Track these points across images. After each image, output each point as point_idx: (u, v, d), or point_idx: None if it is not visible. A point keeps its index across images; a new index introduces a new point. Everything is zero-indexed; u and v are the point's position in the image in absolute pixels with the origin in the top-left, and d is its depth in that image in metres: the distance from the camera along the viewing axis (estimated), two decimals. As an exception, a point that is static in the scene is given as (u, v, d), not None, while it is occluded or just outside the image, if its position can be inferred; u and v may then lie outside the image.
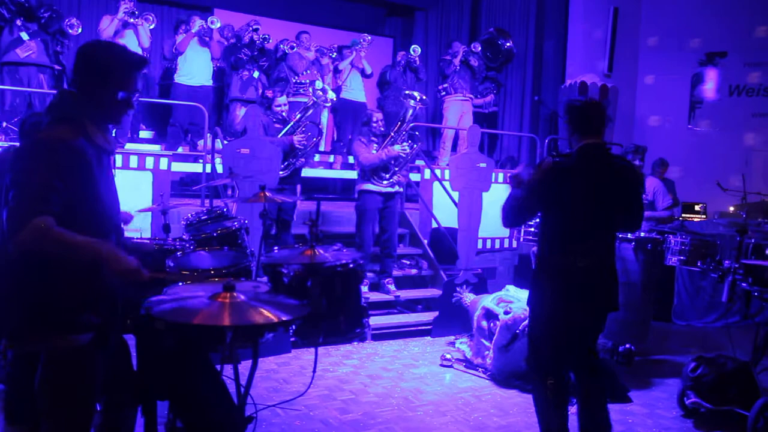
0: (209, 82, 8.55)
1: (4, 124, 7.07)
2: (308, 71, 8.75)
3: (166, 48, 8.80)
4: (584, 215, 3.33)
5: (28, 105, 7.31)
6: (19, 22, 7.24)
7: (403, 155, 6.31)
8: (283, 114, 6.51)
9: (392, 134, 6.35)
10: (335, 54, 9.84)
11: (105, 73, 2.36)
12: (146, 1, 10.12)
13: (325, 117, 9.93)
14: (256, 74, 8.59)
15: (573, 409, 4.49)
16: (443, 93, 9.96)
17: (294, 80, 8.74)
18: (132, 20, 7.77)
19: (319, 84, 8.03)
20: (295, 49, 8.98)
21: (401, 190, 6.67)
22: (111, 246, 2.28)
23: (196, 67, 8.38)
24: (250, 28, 8.71)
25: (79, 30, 7.82)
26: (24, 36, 7.25)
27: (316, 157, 9.57)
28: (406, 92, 6.71)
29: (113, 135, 2.51)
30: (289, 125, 6.39)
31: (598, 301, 3.39)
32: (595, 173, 3.36)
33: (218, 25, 8.40)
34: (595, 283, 3.35)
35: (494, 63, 10.14)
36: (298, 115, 6.51)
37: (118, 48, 2.46)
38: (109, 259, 2.23)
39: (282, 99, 6.65)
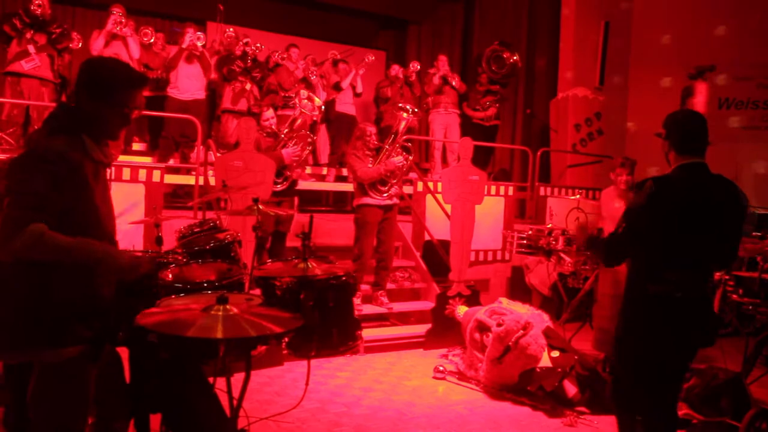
0: (201, 95, 8.55)
1: None
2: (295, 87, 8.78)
3: (156, 60, 8.80)
4: (684, 243, 2.98)
5: (25, 117, 7.31)
6: (29, 35, 7.26)
7: (400, 168, 6.35)
8: (272, 127, 6.52)
9: (386, 147, 6.39)
10: (331, 63, 9.90)
11: (107, 89, 2.39)
12: (140, 14, 10.13)
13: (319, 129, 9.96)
14: (248, 86, 8.60)
15: (565, 421, 4.52)
16: (425, 106, 10.07)
17: (282, 94, 8.78)
18: (120, 31, 7.80)
19: (304, 93, 8.04)
20: (284, 60, 9.04)
21: (398, 201, 6.69)
22: (106, 244, 2.29)
23: (188, 82, 8.38)
24: (241, 42, 8.73)
25: (80, 44, 7.87)
26: (31, 49, 7.27)
27: (308, 170, 9.58)
28: (399, 105, 6.74)
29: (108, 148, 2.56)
30: (280, 140, 6.39)
31: (693, 336, 3.05)
32: (698, 198, 3.01)
33: (202, 44, 8.36)
34: (692, 316, 3.01)
35: (498, 76, 10.23)
36: (287, 130, 6.52)
37: (121, 65, 2.50)
38: (106, 257, 2.24)
39: (269, 113, 6.67)
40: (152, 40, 8.55)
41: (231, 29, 9.05)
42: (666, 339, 3.03)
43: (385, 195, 6.33)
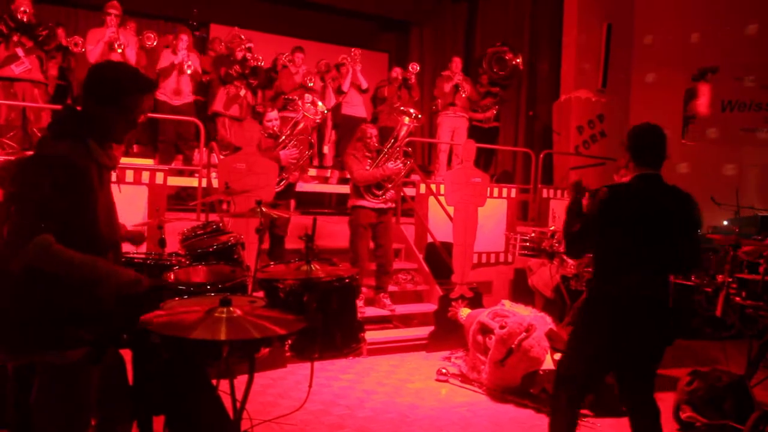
0: (189, 99, 8.49)
1: None
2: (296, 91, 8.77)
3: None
4: (637, 247, 3.21)
5: (23, 119, 7.35)
6: (16, 38, 7.28)
7: (398, 173, 6.35)
8: (275, 129, 6.52)
9: (386, 151, 6.38)
10: (330, 70, 9.90)
11: (114, 94, 2.39)
12: (141, 16, 10.16)
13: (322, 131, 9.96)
14: (242, 92, 8.53)
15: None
16: (434, 108, 10.06)
17: (284, 97, 8.77)
18: (117, 39, 7.82)
19: (308, 97, 8.00)
20: (285, 67, 9.03)
21: (393, 206, 6.68)
22: (109, 263, 2.29)
23: (177, 89, 8.36)
24: (244, 46, 8.69)
25: (83, 49, 7.90)
26: (20, 52, 7.30)
27: (311, 172, 9.58)
28: (401, 108, 6.73)
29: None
30: (280, 141, 6.39)
31: (648, 334, 3.26)
32: (652, 203, 3.23)
33: (192, 69, 8.31)
34: (646, 316, 3.22)
35: (500, 78, 10.22)
36: (288, 132, 6.51)
37: (129, 69, 2.50)
38: (108, 279, 2.25)
39: (273, 113, 6.66)
40: (155, 44, 8.55)
41: (243, 37, 9.00)
42: (621, 337, 3.24)
43: (379, 199, 6.32)
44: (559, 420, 3.45)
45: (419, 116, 6.51)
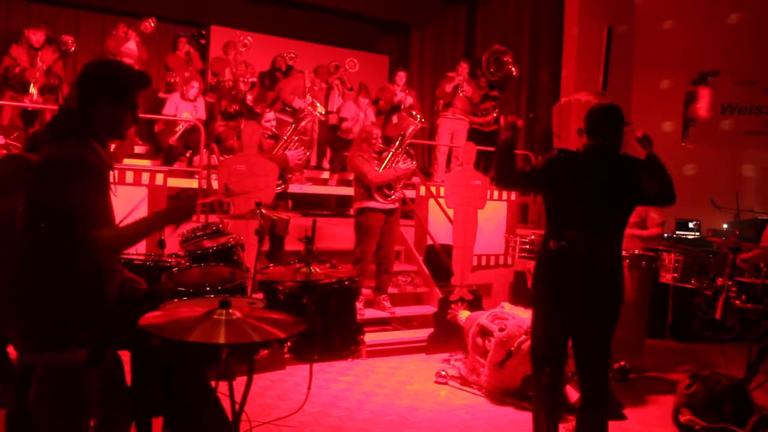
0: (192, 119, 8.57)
1: (3, 140, 7.13)
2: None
3: (176, 60, 8.89)
4: (582, 205, 3.34)
5: (27, 122, 7.45)
6: None
7: (409, 174, 6.39)
8: (273, 130, 6.53)
9: (393, 151, 6.39)
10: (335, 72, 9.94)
11: (124, 91, 2.40)
12: (140, 17, 10.15)
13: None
14: (242, 126, 8.60)
15: (567, 427, 4.51)
16: (436, 109, 10.07)
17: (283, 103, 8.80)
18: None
19: (308, 98, 8.03)
20: (281, 71, 9.07)
21: (399, 206, 6.69)
22: (150, 215, 2.55)
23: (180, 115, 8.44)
24: (248, 79, 8.70)
25: (73, 48, 7.98)
26: (32, 88, 7.70)
27: (303, 173, 9.60)
28: (408, 108, 6.75)
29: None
30: (282, 141, 6.39)
31: (589, 293, 3.32)
32: (596, 167, 3.38)
33: (191, 116, 8.39)
34: (586, 274, 3.31)
35: (495, 78, 10.23)
36: (291, 130, 6.52)
37: (122, 65, 2.52)
38: (159, 222, 2.50)
39: (270, 114, 6.67)
40: (153, 25, 8.63)
41: (249, 38, 9.01)
42: (561, 293, 3.38)
43: (389, 199, 6.33)
44: (540, 413, 3.55)
45: (424, 120, 6.57)
